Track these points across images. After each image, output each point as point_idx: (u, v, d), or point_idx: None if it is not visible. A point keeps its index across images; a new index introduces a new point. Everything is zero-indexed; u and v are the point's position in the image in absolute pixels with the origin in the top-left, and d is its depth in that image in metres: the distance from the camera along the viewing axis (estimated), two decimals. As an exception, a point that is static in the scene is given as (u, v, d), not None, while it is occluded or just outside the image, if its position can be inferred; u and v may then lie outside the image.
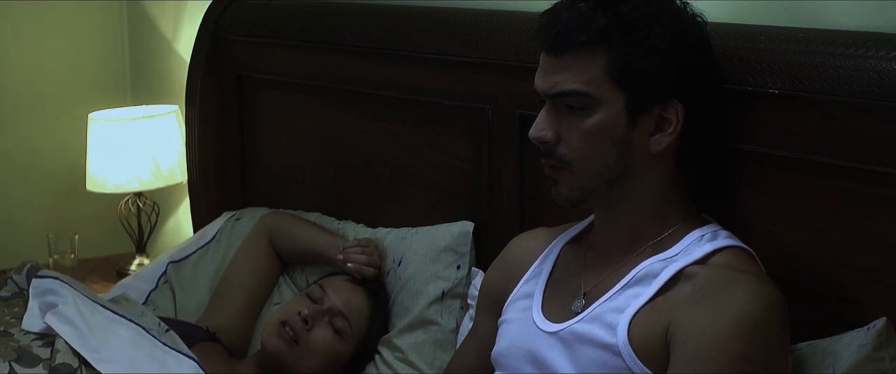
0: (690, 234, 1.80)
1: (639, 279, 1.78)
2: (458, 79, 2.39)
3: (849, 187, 1.77)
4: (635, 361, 1.71)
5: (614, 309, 1.77)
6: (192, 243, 2.83)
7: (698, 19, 1.82)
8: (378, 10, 2.63)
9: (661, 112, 1.77)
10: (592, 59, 1.75)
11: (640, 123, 1.77)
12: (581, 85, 1.75)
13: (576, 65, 1.76)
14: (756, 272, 1.75)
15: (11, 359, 2.05)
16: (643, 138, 1.78)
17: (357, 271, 2.41)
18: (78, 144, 3.44)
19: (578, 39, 1.75)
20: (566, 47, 1.76)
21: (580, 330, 1.79)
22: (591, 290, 1.84)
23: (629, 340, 1.72)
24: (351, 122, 2.70)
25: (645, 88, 1.75)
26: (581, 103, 1.76)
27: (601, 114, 1.76)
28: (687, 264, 1.75)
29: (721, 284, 1.71)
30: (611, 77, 1.75)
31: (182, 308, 2.68)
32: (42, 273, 2.26)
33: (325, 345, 2.32)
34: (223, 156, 3.02)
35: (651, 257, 1.80)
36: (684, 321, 1.69)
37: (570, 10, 1.77)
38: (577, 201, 1.82)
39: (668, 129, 1.78)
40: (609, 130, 1.76)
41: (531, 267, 1.97)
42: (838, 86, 1.73)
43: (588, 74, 1.75)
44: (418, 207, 2.54)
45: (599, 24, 1.74)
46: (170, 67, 3.50)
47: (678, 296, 1.73)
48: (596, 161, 1.78)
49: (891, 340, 1.69)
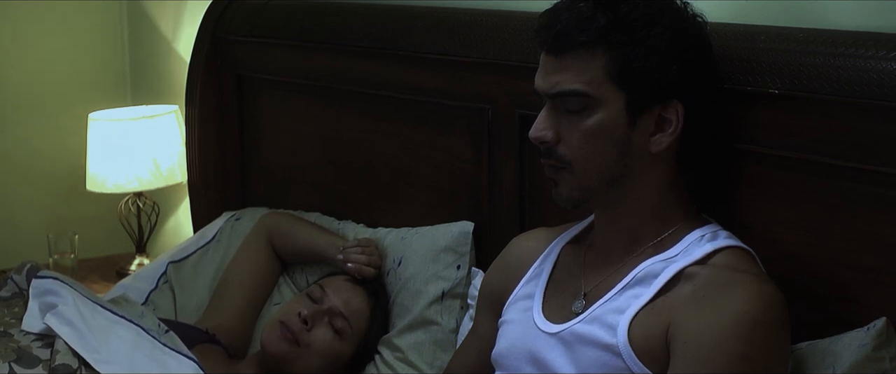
0: (691, 234, 1.80)
1: (639, 280, 1.78)
2: (458, 79, 2.39)
3: (849, 187, 1.77)
4: (635, 361, 1.71)
5: (615, 310, 1.77)
6: (192, 243, 2.83)
7: (698, 19, 1.82)
8: (378, 10, 2.63)
9: (661, 112, 1.77)
10: (592, 59, 1.75)
11: (640, 123, 1.77)
12: (581, 85, 1.75)
13: (576, 65, 1.76)
14: (756, 272, 1.75)
15: (11, 360, 2.05)
16: (643, 138, 1.77)
17: (357, 271, 2.41)
18: (78, 144, 3.44)
19: (578, 39, 1.75)
20: (566, 47, 1.76)
21: (581, 331, 1.79)
22: (591, 290, 1.84)
23: (629, 340, 1.72)
24: (351, 122, 2.70)
25: (645, 88, 1.75)
26: (581, 104, 1.76)
27: (601, 114, 1.76)
28: (687, 264, 1.75)
29: (721, 284, 1.71)
30: (611, 77, 1.74)
31: (182, 308, 2.68)
32: (42, 274, 2.26)
33: (324, 345, 2.32)
34: (223, 156, 3.02)
35: (651, 257, 1.80)
36: (685, 322, 1.69)
37: (570, 10, 1.77)
38: (578, 202, 1.82)
39: (668, 129, 1.78)
40: (609, 130, 1.76)
41: (531, 267, 1.97)
42: (838, 86, 1.73)
43: (588, 74, 1.75)
44: (418, 207, 2.54)
45: (599, 24, 1.74)
46: (170, 67, 3.50)
47: (678, 296, 1.73)
48: (596, 161, 1.78)
49: (891, 340, 1.69)
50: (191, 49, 3.01)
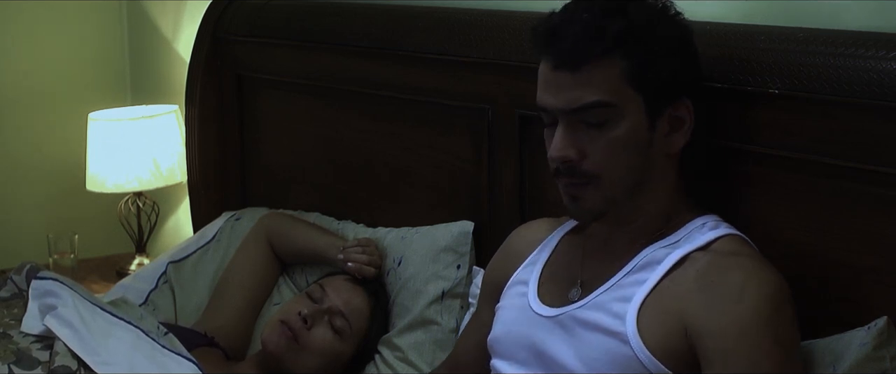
0: (693, 222, 1.81)
1: (642, 266, 1.78)
2: (458, 79, 2.39)
3: (849, 187, 1.77)
4: (643, 349, 1.70)
5: (620, 298, 1.76)
6: (191, 243, 2.83)
7: (680, 14, 1.81)
8: (378, 10, 2.63)
9: (674, 112, 1.77)
10: (611, 67, 1.72)
11: (658, 125, 1.76)
12: (604, 95, 1.72)
13: (595, 76, 1.73)
14: (759, 257, 1.75)
15: (10, 361, 2.05)
16: (661, 141, 1.77)
17: (357, 271, 2.41)
18: (78, 144, 3.44)
19: (595, 50, 1.72)
20: (583, 60, 1.73)
21: (584, 317, 1.78)
22: (588, 279, 1.84)
23: (638, 329, 1.72)
24: (351, 122, 2.70)
25: (660, 89, 1.75)
26: (603, 116, 1.73)
27: (626, 122, 1.74)
28: (691, 250, 1.75)
29: (728, 272, 1.70)
30: (629, 83, 1.73)
31: (182, 308, 2.68)
32: (42, 275, 2.26)
33: (324, 345, 2.32)
34: (223, 156, 3.02)
35: (653, 244, 1.80)
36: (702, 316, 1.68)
37: (576, 21, 1.74)
38: (602, 213, 1.81)
39: (681, 127, 1.78)
40: (634, 138, 1.75)
41: (530, 255, 1.97)
42: (838, 86, 1.73)
43: (608, 83, 1.73)
44: (418, 207, 2.54)
45: (613, 32, 1.72)
46: (170, 67, 3.50)
47: (684, 282, 1.72)
48: (623, 171, 1.76)
49: (891, 339, 1.69)
50: (191, 49, 3.01)
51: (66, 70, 3.65)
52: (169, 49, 3.50)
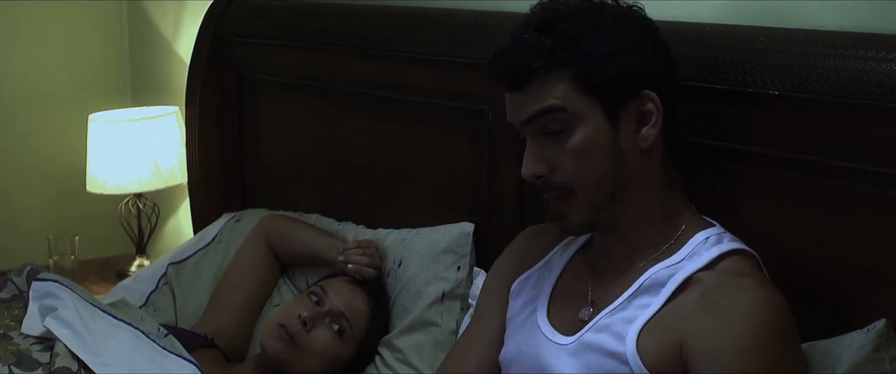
0: (695, 237, 1.79)
1: (646, 288, 1.77)
2: (458, 79, 2.39)
3: (849, 187, 1.77)
4: (639, 366, 1.70)
5: (624, 320, 1.76)
6: (192, 244, 2.83)
7: (635, 8, 1.81)
8: (378, 11, 2.63)
9: (639, 107, 1.77)
10: (557, 81, 1.75)
11: (621, 125, 1.76)
12: (555, 100, 1.75)
13: (543, 89, 1.76)
14: (762, 279, 1.74)
15: (11, 363, 2.05)
16: (630, 139, 1.77)
17: (358, 272, 2.41)
18: (78, 145, 3.44)
19: (534, 67, 1.75)
20: (526, 79, 1.76)
21: (589, 340, 1.79)
22: (599, 298, 1.84)
23: (638, 349, 1.72)
24: (351, 122, 2.70)
25: (614, 90, 1.75)
26: (561, 123, 1.76)
27: (583, 128, 1.75)
28: (694, 270, 1.74)
29: (730, 293, 1.69)
30: (580, 91, 1.75)
31: (182, 309, 2.68)
32: (42, 276, 2.26)
33: (324, 346, 2.32)
34: (223, 156, 3.02)
35: (657, 263, 1.79)
36: (701, 338, 1.68)
37: (515, 44, 1.79)
38: (590, 223, 1.82)
39: (650, 120, 1.77)
40: (596, 142, 1.76)
41: (540, 261, 1.97)
42: (838, 87, 1.73)
43: (558, 92, 1.75)
44: (418, 207, 2.54)
45: (548, 46, 1.75)
46: (170, 67, 3.50)
47: (687, 304, 1.72)
48: (595, 177, 1.77)
49: (891, 341, 1.69)
50: (191, 49, 3.01)
51: (66, 71, 3.65)
52: (169, 50, 3.50)
